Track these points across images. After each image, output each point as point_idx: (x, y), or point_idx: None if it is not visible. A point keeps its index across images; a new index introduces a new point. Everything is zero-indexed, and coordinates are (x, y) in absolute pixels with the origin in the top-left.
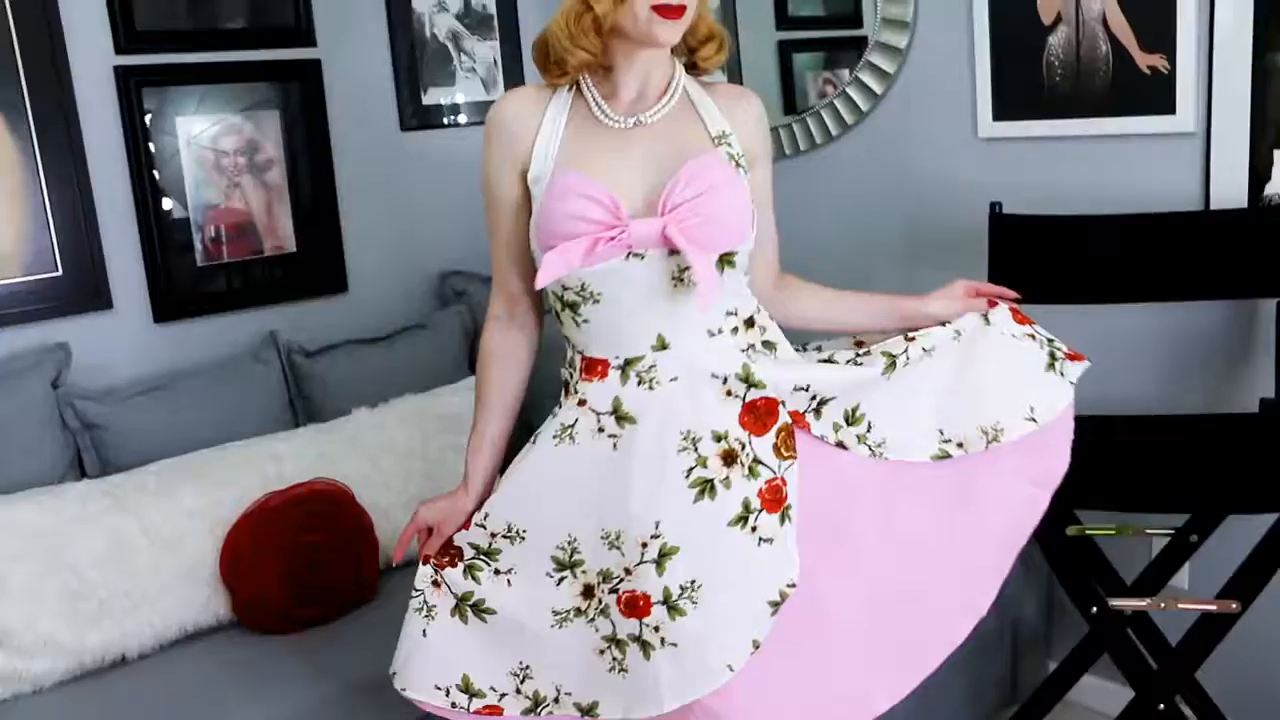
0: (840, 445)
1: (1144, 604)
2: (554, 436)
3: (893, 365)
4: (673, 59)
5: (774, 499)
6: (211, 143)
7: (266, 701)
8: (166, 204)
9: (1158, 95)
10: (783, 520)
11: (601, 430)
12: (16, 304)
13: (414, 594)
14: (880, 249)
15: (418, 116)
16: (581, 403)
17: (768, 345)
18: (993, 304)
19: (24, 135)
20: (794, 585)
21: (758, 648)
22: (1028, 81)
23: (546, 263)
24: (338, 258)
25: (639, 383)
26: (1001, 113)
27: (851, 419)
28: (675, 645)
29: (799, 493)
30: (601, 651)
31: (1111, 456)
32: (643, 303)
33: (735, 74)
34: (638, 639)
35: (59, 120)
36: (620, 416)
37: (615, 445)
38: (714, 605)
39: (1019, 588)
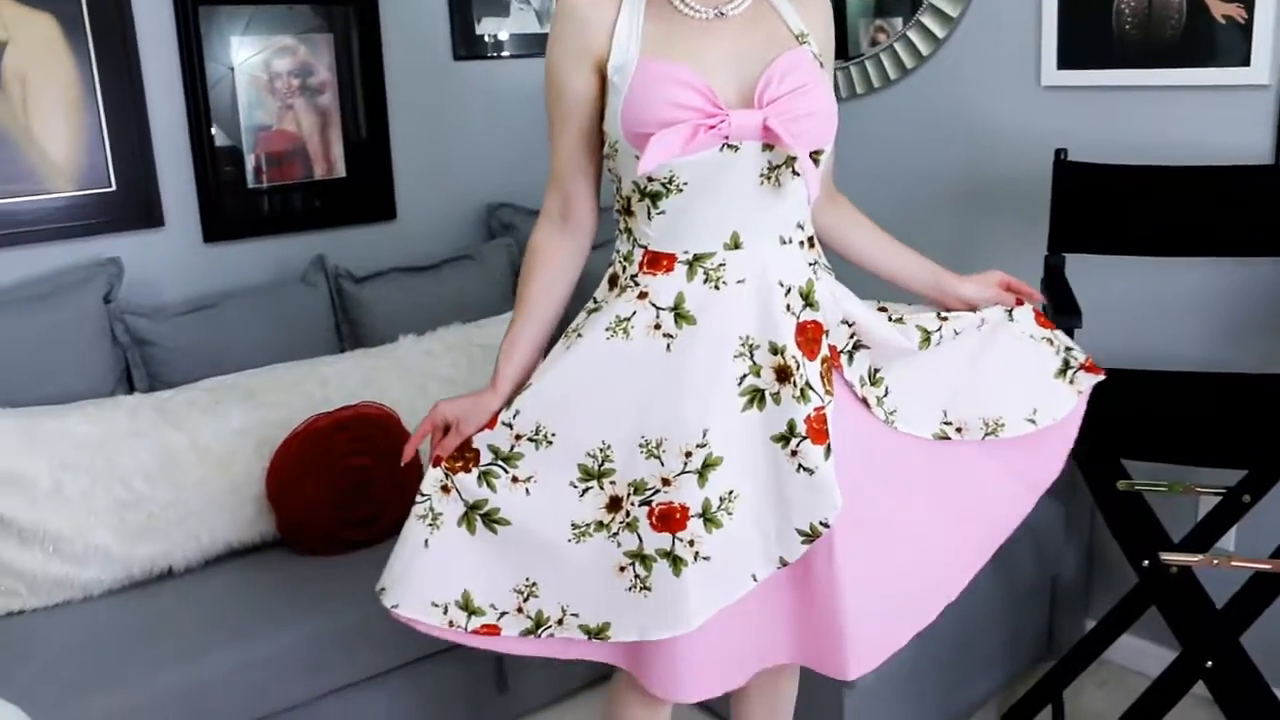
0: (864, 401)
1: (1196, 560)
2: (607, 328)
3: (927, 341)
4: None
5: (820, 429)
6: (265, 64)
7: (308, 619)
8: (219, 124)
9: (1232, 46)
10: (826, 454)
11: (658, 328)
12: (71, 218)
13: (420, 499)
14: (937, 196)
15: (469, 46)
16: (642, 295)
17: (826, 269)
18: (1019, 302)
19: (82, 50)
20: (828, 525)
21: (784, 564)
22: (1095, 30)
23: (651, 148)
24: (387, 185)
25: (705, 280)
26: (1066, 61)
27: (872, 379)
28: (708, 559)
29: (833, 434)
30: (622, 569)
31: (1170, 410)
32: (727, 197)
33: None
34: (668, 554)
35: (117, 36)
36: (680, 315)
37: (669, 346)
38: (748, 516)
39: (1060, 543)
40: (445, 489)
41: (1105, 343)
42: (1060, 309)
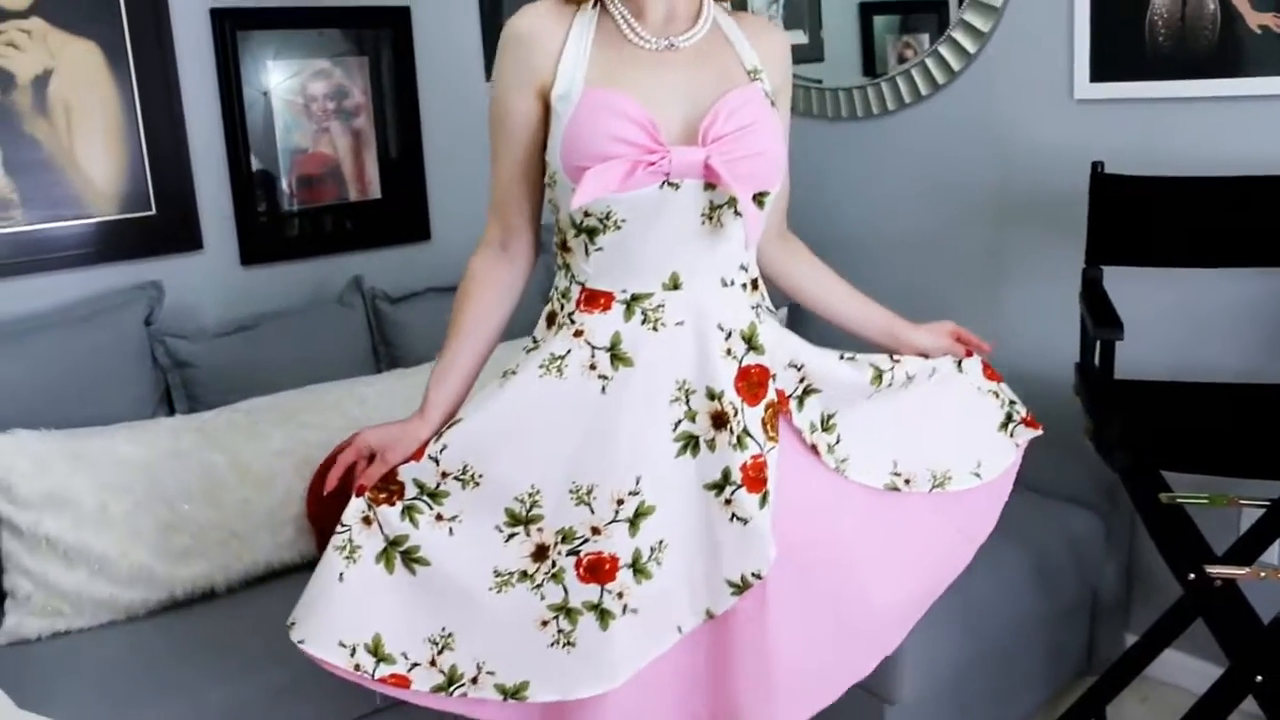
0: (813, 448)
1: (1242, 573)
2: (540, 365)
3: (879, 379)
4: None
5: (756, 478)
6: (301, 88)
7: None
8: (255, 147)
9: (1268, 56)
10: (762, 503)
11: (593, 368)
12: (113, 241)
13: (340, 529)
14: (971, 210)
15: None
16: (578, 334)
17: (770, 312)
18: (969, 354)
19: (124, 77)
20: (760, 576)
21: (710, 617)
22: (1128, 42)
23: (585, 184)
24: (422, 206)
25: (643, 321)
26: (1099, 74)
27: (825, 425)
28: (636, 611)
29: (774, 482)
30: (545, 623)
31: (1210, 422)
32: (666, 237)
33: (816, 37)
34: (595, 607)
35: (157, 62)
36: (616, 356)
37: (604, 389)
38: (677, 566)
39: (1100, 557)
40: (367, 520)
41: (1144, 354)
42: (1100, 322)
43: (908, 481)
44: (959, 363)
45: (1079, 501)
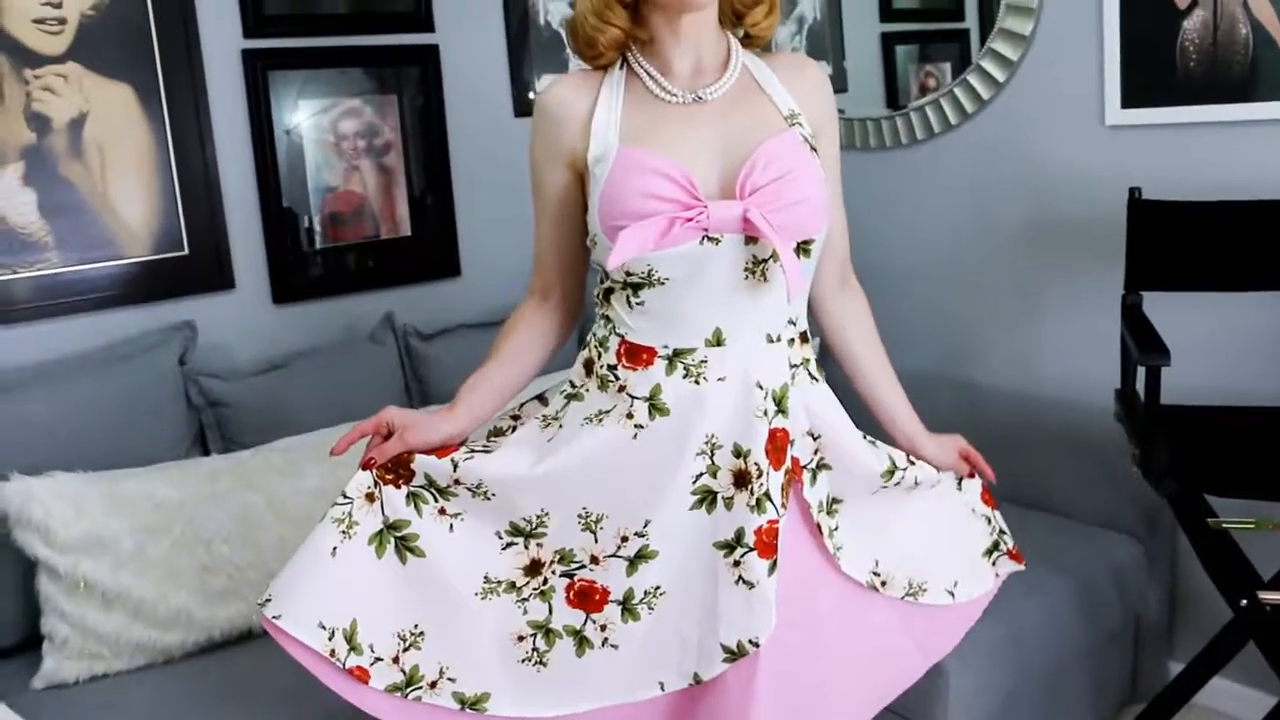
0: (817, 527)
1: None
2: (586, 417)
3: (890, 474)
4: (724, 31)
5: (769, 543)
6: (332, 126)
7: None
8: (286, 186)
9: None
10: (770, 570)
11: (630, 417)
12: (146, 282)
13: (341, 500)
14: (1005, 239)
15: (529, 104)
16: (621, 389)
17: (819, 367)
18: (971, 475)
19: (158, 119)
20: (757, 644)
21: (698, 682)
22: (1160, 67)
23: (621, 243)
24: (451, 242)
25: (685, 375)
26: (1130, 100)
27: (828, 508)
28: (616, 648)
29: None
30: (521, 638)
31: (1254, 445)
32: (709, 292)
33: (839, 68)
34: (576, 633)
35: (190, 104)
36: (655, 406)
37: (636, 435)
38: (670, 619)
39: (1143, 583)
40: (370, 497)
41: (1186, 379)
42: (1145, 348)
43: (884, 583)
44: (959, 480)
45: (1119, 528)
